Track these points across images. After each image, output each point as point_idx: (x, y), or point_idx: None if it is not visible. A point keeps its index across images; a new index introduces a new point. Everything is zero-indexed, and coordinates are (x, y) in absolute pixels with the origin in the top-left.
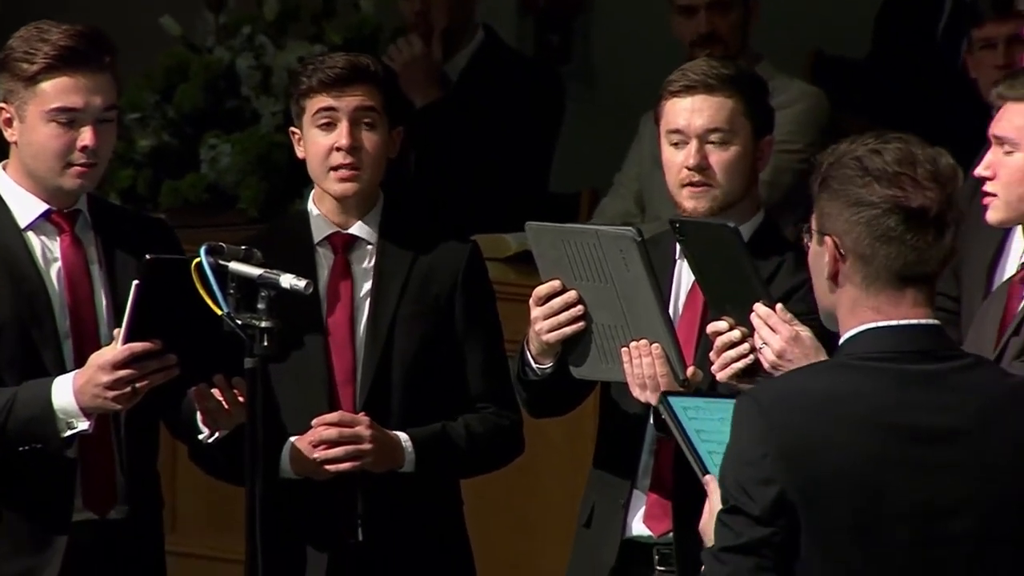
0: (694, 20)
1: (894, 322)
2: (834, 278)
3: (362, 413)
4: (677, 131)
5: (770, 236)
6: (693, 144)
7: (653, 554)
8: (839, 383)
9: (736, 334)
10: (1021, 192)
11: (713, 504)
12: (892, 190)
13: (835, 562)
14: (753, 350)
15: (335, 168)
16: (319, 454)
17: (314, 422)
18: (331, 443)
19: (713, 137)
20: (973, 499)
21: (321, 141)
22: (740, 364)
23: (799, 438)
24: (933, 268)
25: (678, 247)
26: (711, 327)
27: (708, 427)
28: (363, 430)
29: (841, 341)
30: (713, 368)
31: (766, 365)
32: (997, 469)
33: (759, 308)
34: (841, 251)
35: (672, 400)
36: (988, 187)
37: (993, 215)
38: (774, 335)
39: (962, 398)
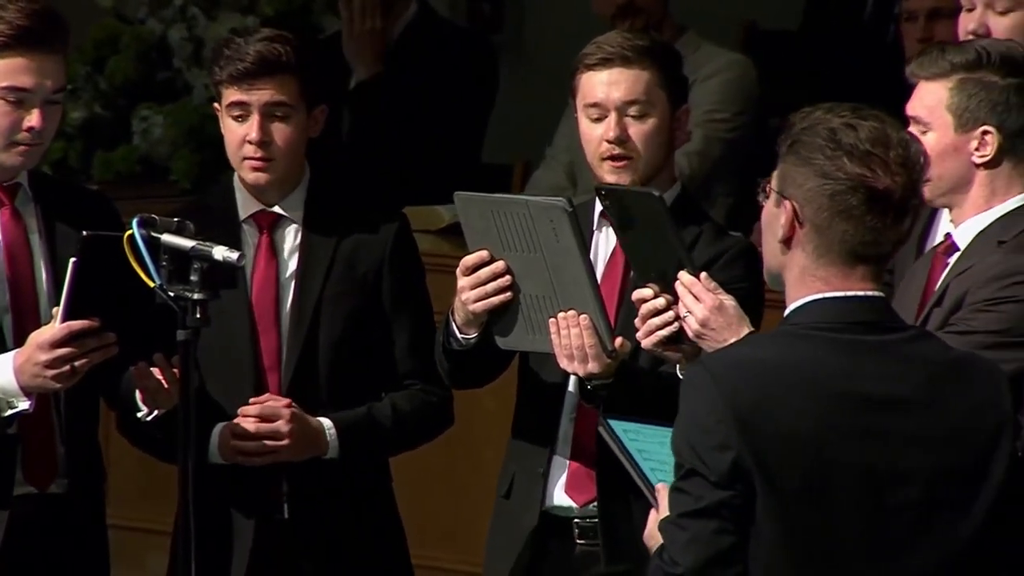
0: None
1: (840, 293)
2: (787, 242)
3: (285, 403)
4: (596, 105)
5: (688, 207)
6: (612, 117)
7: (572, 527)
8: (788, 352)
9: (661, 302)
10: (940, 171)
11: (661, 512)
12: (861, 169)
13: (787, 526)
14: (678, 318)
15: (247, 158)
16: (235, 444)
17: (240, 411)
18: (247, 436)
19: (631, 110)
20: (920, 467)
21: (235, 130)
22: (664, 332)
23: (751, 404)
24: (886, 250)
25: (597, 218)
26: (636, 294)
27: (648, 447)
28: (282, 425)
29: (787, 311)
30: (638, 335)
31: (690, 333)
32: (942, 438)
33: (683, 276)
34: (799, 218)
35: (613, 423)
36: None
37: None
38: (698, 304)
39: (909, 369)
